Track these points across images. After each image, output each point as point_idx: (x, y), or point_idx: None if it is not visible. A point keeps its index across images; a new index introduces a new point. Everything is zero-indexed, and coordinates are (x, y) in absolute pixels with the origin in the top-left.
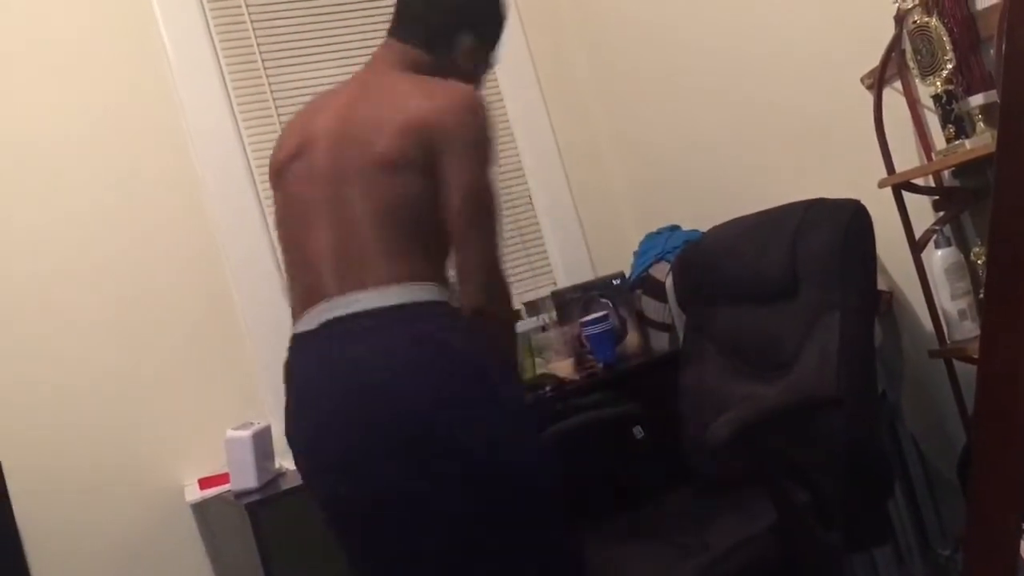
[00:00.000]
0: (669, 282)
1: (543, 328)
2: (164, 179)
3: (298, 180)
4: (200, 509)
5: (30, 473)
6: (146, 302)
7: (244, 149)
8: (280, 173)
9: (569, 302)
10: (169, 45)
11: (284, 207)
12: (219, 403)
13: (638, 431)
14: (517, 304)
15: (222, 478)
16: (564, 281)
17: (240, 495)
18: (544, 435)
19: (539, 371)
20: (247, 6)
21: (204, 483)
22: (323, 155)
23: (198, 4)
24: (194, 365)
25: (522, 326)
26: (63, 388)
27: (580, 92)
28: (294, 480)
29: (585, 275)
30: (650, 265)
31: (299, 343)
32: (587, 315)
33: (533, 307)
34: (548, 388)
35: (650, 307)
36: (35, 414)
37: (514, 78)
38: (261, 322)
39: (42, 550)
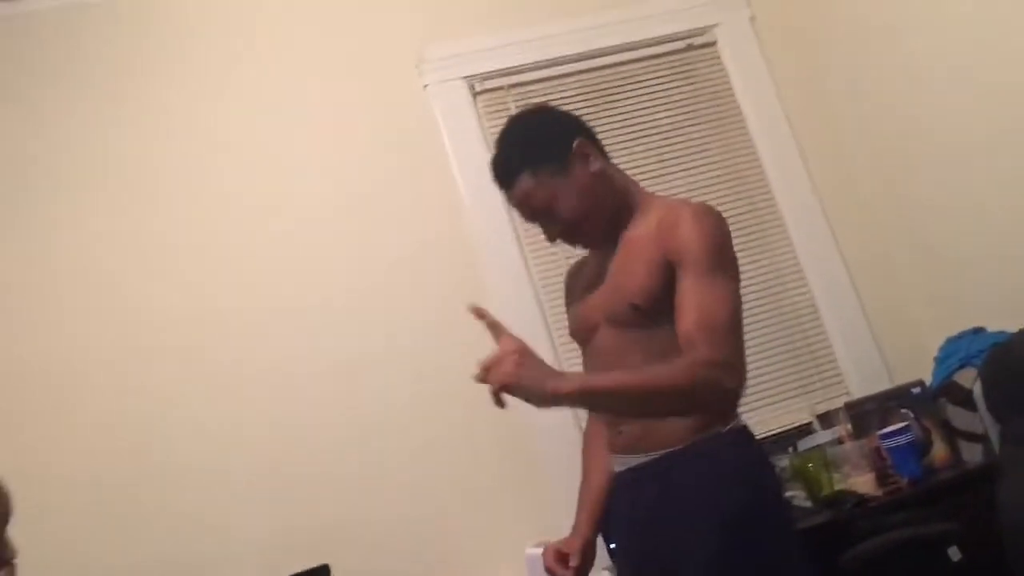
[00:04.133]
0: (977, 389)
1: (839, 441)
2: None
3: None
4: None
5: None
6: (452, 432)
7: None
8: None
9: (865, 413)
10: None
11: None
12: (518, 522)
13: (954, 552)
14: (809, 416)
15: None
16: (858, 391)
17: None
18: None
19: (837, 487)
20: None
21: None
22: None
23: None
24: (496, 486)
25: (816, 439)
26: (383, 502)
27: (861, 186)
28: None
29: (881, 384)
30: (954, 371)
31: None
32: (885, 427)
33: (826, 419)
34: (849, 505)
35: (957, 416)
36: (358, 527)
37: (790, 182)
38: (554, 446)
39: None
